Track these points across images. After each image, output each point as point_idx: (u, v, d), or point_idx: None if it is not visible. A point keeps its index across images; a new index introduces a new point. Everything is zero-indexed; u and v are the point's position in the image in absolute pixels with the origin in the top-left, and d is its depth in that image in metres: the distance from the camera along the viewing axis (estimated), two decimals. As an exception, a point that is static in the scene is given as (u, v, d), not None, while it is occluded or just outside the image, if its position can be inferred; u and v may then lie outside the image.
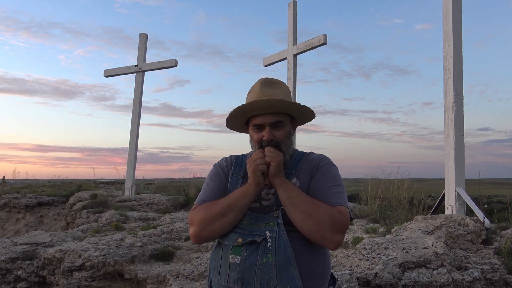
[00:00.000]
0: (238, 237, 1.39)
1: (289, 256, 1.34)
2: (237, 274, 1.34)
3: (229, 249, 1.40)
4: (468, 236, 3.42)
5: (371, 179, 5.91)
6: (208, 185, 1.57)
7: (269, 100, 1.45)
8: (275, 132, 1.49)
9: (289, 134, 1.53)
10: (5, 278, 3.55)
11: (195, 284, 2.91)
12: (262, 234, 1.37)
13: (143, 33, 8.52)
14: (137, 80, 8.36)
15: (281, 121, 1.50)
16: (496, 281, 2.74)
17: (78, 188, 9.03)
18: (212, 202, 1.47)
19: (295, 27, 7.13)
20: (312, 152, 1.60)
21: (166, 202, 6.88)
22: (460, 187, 4.22)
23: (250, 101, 1.47)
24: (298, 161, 1.55)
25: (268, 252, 1.34)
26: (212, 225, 1.41)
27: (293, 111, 1.54)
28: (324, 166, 1.50)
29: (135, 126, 8.21)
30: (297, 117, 1.59)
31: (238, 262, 1.35)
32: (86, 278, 3.26)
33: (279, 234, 1.36)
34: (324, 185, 1.44)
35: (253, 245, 1.36)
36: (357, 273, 2.67)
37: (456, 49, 4.43)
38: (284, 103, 1.46)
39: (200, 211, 1.45)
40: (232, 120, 1.57)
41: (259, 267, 1.32)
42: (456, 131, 4.32)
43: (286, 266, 1.33)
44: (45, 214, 8.00)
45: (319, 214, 1.34)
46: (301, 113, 1.57)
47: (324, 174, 1.47)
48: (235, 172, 1.56)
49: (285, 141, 1.50)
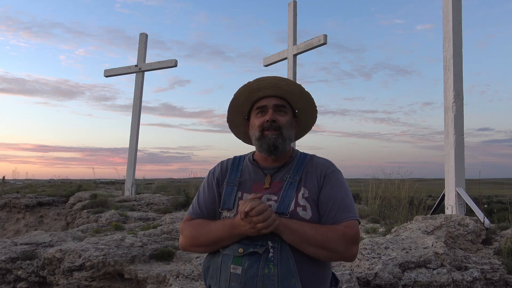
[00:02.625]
0: (239, 247, 1.36)
1: (291, 267, 1.32)
2: (237, 285, 1.31)
3: (230, 258, 1.36)
4: (468, 236, 3.42)
5: (372, 179, 5.91)
6: (200, 197, 1.55)
7: (276, 78, 1.45)
8: (279, 117, 1.47)
9: (291, 123, 1.51)
10: (5, 278, 3.55)
11: (195, 284, 2.91)
12: (264, 244, 1.34)
13: (143, 33, 8.53)
14: (137, 80, 8.36)
15: (285, 106, 1.49)
16: (496, 281, 2.74)
17: (78, 188, 9.03)
18: (201, 223, 1.46)
19: (295, 27, 7.13)
20: (316, 156, 1.57)
21: (166, 202, 6.88)
22: (460, 187, 4.22)
23: (256, 79, 1.47)
24: (301, 164, 1.51)
25: (270, 263, 1.31)
26: (198, 248, 1.45)
27: (299, 98, 1.52)
28: (332, 175, 1.46)
29: (135, 126, 8.21)
30: (299, 110, 1.57)
31: (239, 273, 1.32)
32: (86, 278, 3.26)
33: (281, 244, 1.34)
34: (334, 198, 1.41)
35: (254, 256, 1.33)
36: (357, 273, 2.67)
37: (456, 49, 4.43)
38: (289, 83, 1.46)
39: (189, 229, 1.47)
40: (235, 108, 1.56)
41: (260, 279, 1.30)
42: (456, 131, 4.32)
43: (288, 278, 1.30)
44: (45, 214, 8.00)
45: (331, 243, 1.32)
46: (305, 103, 1.54)
47: (333, 185, 1.44)
48: (230, 180, 1.52)
49: (286, 128, 1.47)
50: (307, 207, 1.40)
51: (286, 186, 1.44)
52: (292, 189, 1.43)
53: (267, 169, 1.52)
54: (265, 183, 1.47)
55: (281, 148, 1.46)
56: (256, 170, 1.53)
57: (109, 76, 8.74)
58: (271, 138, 1.45)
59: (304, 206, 1.40)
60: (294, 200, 1.41)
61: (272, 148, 1.45)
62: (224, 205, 1.47)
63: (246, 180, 1.50)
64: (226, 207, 1.46)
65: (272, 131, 1.45)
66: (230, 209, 1.45)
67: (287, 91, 1.50)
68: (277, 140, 1.45)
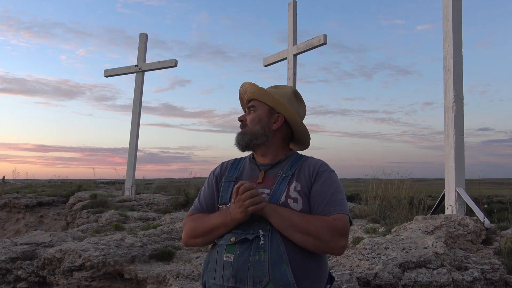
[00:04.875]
0: (232, 236, 1.42)
1: (282, 254, 1.35)
2: (230, 272, 1.36)
3: (223, 248, 1.43)
4: (468, 236, 3.42)
5: (372, 179, 5.91)
6: (201, 194, 1.67)
7: (243, 84, 1.67)
8: (247, 115, 1.65)
9: (260, 119, 1.61)
10: (5, 278, 3.55)
11: (195, 284, 2.91)
12: (255, 233, 1.40)
13: (143, 33, 8.52)
14: (137, 80, 8.36)
15: (253, 106, 1.64)
16: (496, 281, 2.74)
17: (78, 188, 9.03)
18: (200, 216, 1.57)
19: (295, 27, 7.13)
20: (312, 157, 1.63)
21: (166, 202, 6.88)
22: (460, 187, 4.22)
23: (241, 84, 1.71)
24: (295, 162, 1.57)
25: (261, 249, 1.36)
26: (196, 239, 1.53)
27: (260, 95, 1.64)
28: (324, 173, 1.52)
29: (135, 126, 8.21)
30: (274, 107, 1.63)
31: (232, 260, 1.38)
32: (86, 278, 3.26)
33: (272, 233, 1.39)
34: (325, 192, 1.46)
35: (246, 243, 1.39)
36: (357, 273, 2.67)
37: (456, 49, 4.42)
38: (252, 86, 1.63)
39: (189, 222, 1.57)
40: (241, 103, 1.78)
41: (251, 264, 1.34)
42: (456, 131, 4.32)
43: (279, 263, 1.34)
44: (45, 214, 8.00)
45: (316, 230, 1.36)
46: (267, 98, 1.63)
47: (325, 181, 1.49)
48: (228, 177, 1.62)
49: (252, 123, 1.61)
50: (298, 200, 1.46)
51: (279, 181, 1.51)
52: (284, 183, 1.50)
53: (263, 165, 1.60)
54: (259, 178, 1.55)
55: (244, 142, 1.59)
56: (253, 167, 1.62)
57: (109, 76, 8.73)
58: (236, 134, 1.64)
59: (295, 198, 1.46)
60: (286, 193, 1.47)
61: (236, 143, 1.62)
62: (221, 200, 1.56)
63: (243, 176, 1.59)
64: (223, 202, 1.55)
65: (242, 129, 1.64)
66: (227, 203, 1.53)
67: (251, 92, 1.66)
68: (239, 136, 1.62)
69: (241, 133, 1.62)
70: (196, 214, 1.60)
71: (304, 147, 1.75)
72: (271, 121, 1.61)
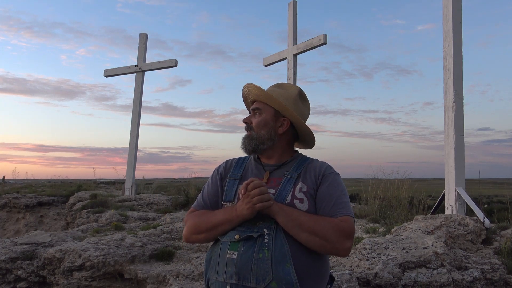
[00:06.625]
0: (236, 234, 1.42)
1: (285, 253, 1.36)
2: (233, 269, 1.36)
3: (227, 245, 1.42)
4: (468, 236, 3.42)
5: (372, 179, 5.91)
6: (204, 190, 1.66)
7: (247, 85, 1.64)
8: (253, 118, 1.62)
9: (266, 123, 1.59)
10: (5, 278, 3.55)
11: (195, 284, 2.91)
12: (259, 231, 1.40)
13: (143, 33, 8.52)
14: (137, 80, 8.36)
15: (258, 108, 1.61)
16: (496, 281, 2.74)
17: (78, 188, 9.03)
18: (204, 212, 1.56)
19: (295, 27, 7.13)
20: (317, 160, 1.64)
21: (166, 202, 6.88)
22: (460, 187, 4.22)
23: (244, 85, 1.67)
24: (301, 164, 1.58)
25: (265, 247, 1.36)
26: (199, 235, 1.52)
27: (266, 99, 1.60)
28: (330, 175, 1.53)
29: (135, 126, 8.21)
30: (280, 110, 1.60)
31: (235, 258, 1.38)
32: (86, 278, 3.26)
33: (277, 232, 1.39)
34: (331, 194, 1.47)
35: (250, 241, 1.39)
36: (357, 273, 2.67)
37: (456, 48, 4.42)
38: (257, 89, 1.59)
39: (192, 218, 1.56)
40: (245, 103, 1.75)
41: (255, 262, 1.34)
42: (456, 131, 4.32)
43: (282, 262, 1.34)
44: (45, 214, 8.00)
45: (322, 230, 1.36)
46: (275, 104, 1.59)
47: (331, 183, 1.50)
48: (233, 175, 1.61)
49: (258, 128, 1.58)
50: (304, 200, 1.46)
51: (285, 181, 1.52)
52: (290, 184, 1.50)
53: (268, 166, 1.60)
54: (263, 178, 1.55)
55: (251, 147, 1.57)
56: (258, 167, 1.62)
57: (109, 76, 8.74)
58: (243, 138, 1.61)
59: (301, 199, 1.46)
60: (291, 193, 1.48)
61: (242, 147, 1.60)
62: (226, 198, 1.56)
63: (248, 176, 1.58)
64: (227, 199, 1.55)
65: (247, 132, 1.62)
66: (231, 201, 1.52)
67: (256, 95, 1.63)
68: (245, 139, 1.60)
69: (247, 137, 1.60)
70: (199, 210, 1.59)
71: (309, 147, 1.75)
72: (277, 125, 1.60)
